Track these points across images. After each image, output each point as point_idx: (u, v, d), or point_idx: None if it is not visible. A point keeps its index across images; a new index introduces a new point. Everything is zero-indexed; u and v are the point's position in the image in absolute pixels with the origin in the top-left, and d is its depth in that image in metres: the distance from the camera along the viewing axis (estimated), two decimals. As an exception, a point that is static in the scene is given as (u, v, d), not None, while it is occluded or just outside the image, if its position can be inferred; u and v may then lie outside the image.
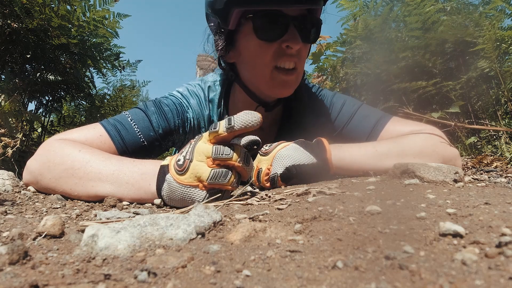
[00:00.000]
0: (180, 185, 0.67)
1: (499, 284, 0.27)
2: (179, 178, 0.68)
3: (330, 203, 0.53)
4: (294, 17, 0.91)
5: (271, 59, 0.93)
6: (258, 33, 0.92)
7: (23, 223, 0.53)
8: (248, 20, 0.93)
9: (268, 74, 0.95)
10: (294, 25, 0.91)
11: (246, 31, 0.95)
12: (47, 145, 0.82)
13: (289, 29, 0.91)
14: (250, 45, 0.95)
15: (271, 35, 0.92)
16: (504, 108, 2.08)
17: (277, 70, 0.95)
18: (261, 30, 0.92)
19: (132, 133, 0.91)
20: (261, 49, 0.93)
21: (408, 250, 0.34)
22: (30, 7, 2.26)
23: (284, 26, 0.91)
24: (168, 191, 0.69)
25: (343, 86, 2.64)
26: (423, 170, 0.68)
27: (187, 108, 1.04)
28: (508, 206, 0.47)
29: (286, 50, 0.92)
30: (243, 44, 0.97)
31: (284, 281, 0.30)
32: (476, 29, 1.99)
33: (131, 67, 3.44)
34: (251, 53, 0.96)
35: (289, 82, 0.97)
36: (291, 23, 0.91)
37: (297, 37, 0.91)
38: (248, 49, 0.96)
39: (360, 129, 1.04)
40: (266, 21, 0.91)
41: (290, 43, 0.91)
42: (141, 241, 0.40)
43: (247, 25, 0.94)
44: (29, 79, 2.50)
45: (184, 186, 0.67)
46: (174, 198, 0.69)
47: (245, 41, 0.96)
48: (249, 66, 0.99)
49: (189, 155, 0.68)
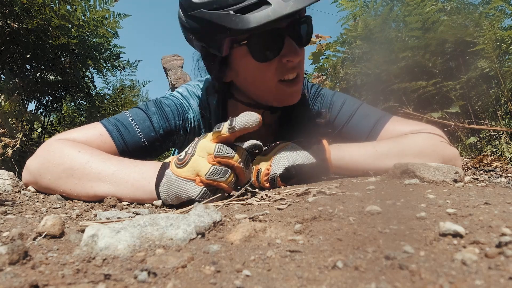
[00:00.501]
0: (178, 178, 0.67)
1: (499, 284, 0.27)
2: (177, 171, 0.68)
3: (330, 203, 0.53)
4: (287, 27, 0.87)
5: (273, 76, 0.90)
6: (256, 56, 0.88)
7: (23, 223, 0.53)
8: (241, 45, 0.88)
9: (273, 89, 0.93)
10: (289, 35, 0.87)
11: (240, 53, 0.90)
12: (47, 145, 0.82)
13: (285, 42, 0.87)
14: (248, 66, 0.91)
15: (269, 54, 0.88)
16: (504, 108, 2.08)
17: (281, 83, 0.92)
18: (258, 53, 0.88)
19: (133, 133, 0.91)
20: (261, 69, 0.90)
21: (408, 250, 0.34)
22: (30, 7, 2.26)
23: (280, 40, 0.87)
24: (165, 186, 0.69)
25: (343, 86, 2.64)
26: (423, 170, 0.68)
27: (187, 108, 1.04)
28: (508, 206, 0.47)
29: (287, 64, 0.89)
30: (240, 65, 0.93)
31: (284, 281, 0.30)
32: (476, 29, 1.99)
33: (131, 67, 3.44)
34: (251, 73, 0.92)
35: (295, 91, 0.95)
36: (285, 35, 0.87)
37: (295, 48, 0.87)
38: (246, 70, 0.93)
39: (359, 128, 1.03)
40: (262, 42, 0.86)
41: (290, 58, 0.87)
42: (141, 241, 0.40)
43: (240, 49, 0.89)
44: (29, 79, 2.50)
45: (181, 179, 0.67)
46: (170, 193, 0.68)
47: (242, 64, 0.92)
48: (251, 83, 0.96)
49: (191, 150, 0.69)
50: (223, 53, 0.89)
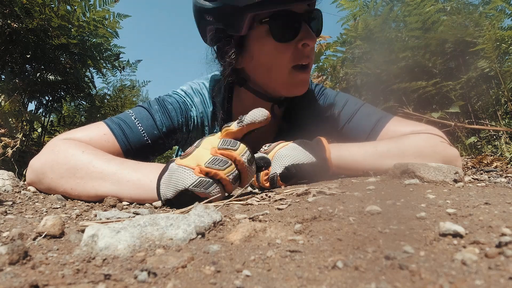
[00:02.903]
0: (178, 167, 0.67)
1: (499, 284, 0.27)
2: (180, 161, 0.68)
3: (330, 203, 0.53)
4: (303, 14, 0.92)
5: (289, 60, 0.93)
6: (275, 36, 0.91)
7: (23, 223, 0.53)
8: (262, 23, 0.91)
9: (285, 75, 0.95)
10: (306, 22, 0.92)
11: (259, 34, 0.93)
12: (52, 145, 0.82)
13: (302, 27, 0.91)
14: (265, 48, 0.94)
15: (288, 35, 0.91)
16: (504, 108, 2.08)
17: (294, 69, 0.95)
18: (278, 32, 0.91)
19: (136, 131, 0.92)
20: (278, 51, 0.93)
21: (408, 250, 0.34)
22: (30, 7, 2.26)
23: (298, 24, 0.91)
24: (166, 179, 0.69)
25: (343, 86, 2.64)
26: (423, 170, 0.68)
27: (190, 106, 1.04)
28: (508, 206, 0.47)
29: (304, 49, 0.92)
30: (257, 48, 0.95)
31: (284, 281, 0.30)
32: (476, 29, 1.99)
33: (131, 67, 3.44)
34: (268, 56, 0.94)
35: (306, 79, 0.98)
36: (302, 21, 0.91)
37: (311, 33, 0.91)
38: (263, 53, 0.95)
39: (360, 128, 1.03)
40: (282, 22, 0.90)
41: (306, 41, 0.91)
42: (141, 241, 0.40)
43: (259, 29, 0.92)
44: (29, 79, 2.50)
45: (182, 167, 0.67)
46: (169, 184, 0.67)
47: (259, 45, 0.94)
48: (264, 69, 0.97)
49: (197, 143, 0.70)
50: (243, 31, 0.91)
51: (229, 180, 0.66)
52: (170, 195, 0.67)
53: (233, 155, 0.66)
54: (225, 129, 0.70)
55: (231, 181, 0.66)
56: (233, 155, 0.66)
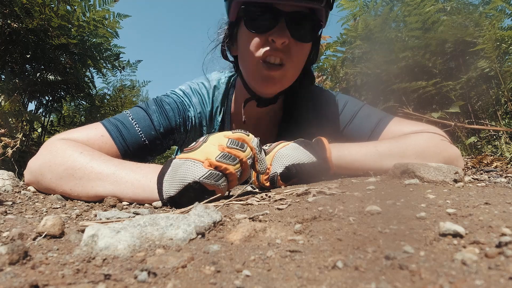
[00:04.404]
0: (185, 160, 0.67)
1: (499, 284, 0.27)
2: (186, 155, 0.68)
3: (330, 203, 0.53)
4: (288, 13, 0.89)
5: (257, 51, 0.92)
6: (247, 24, 0.92)
7: (23, 223, 0.52)
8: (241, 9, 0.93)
9: (254, 66, 0.94)
10: (286, 20, 0.89)
11: (242, 23, 0.95)
12: (49, 145, 0.82)
13: (278, 24, 0.89)
14: (242, 36, 0.96)
15: (258, 26, 0.91)
16: (504, 108, 2.08)
17: (262, 64, 0.93)
18: (249, 20, 0.92)
19: (133, 132, 0.92)
20: (249, 40, 0.93)
21: (408, 250, 0.34)
22: (30, 7, 2.26)
23: (274, 20, 0.89)
24: (170, 175, 0.69)
25: (343, 86, 2.64)
26: (423, 170, 0.68)
27: (188, 106, 1.04)
28: (508, 206, 0.47)
29: (271, 44, 0.91)
30: (239, 36, 0.98)
31: (284, 281, 0.30)
32: (476, 29, 1.99)
33: (131, 67, 3.44)
34: (242, 44, 0.97)
35: (273, 77, 0.94)
36: (282, 18, 0.89)
37: (284, 32, 0.89)
38: (241, 41, 0.98)
39: (361, 129, 1.03)
40: (256, 12, 0.91)
41: (274, 37, 0.89)
42: (141, 241, 0.40)
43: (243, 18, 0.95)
44: (29, 79, 2.50)
45: (190, 160, 0.67)
46: (174, 179, 0.68)
47: (240, 33, 0.98)
48: (242, 58, 1.00)
49: (203, 139, 0.71)
50: (231, 17, 0.97)
51: (238, 175, 0.68)
52: (174, 192, 0.68)
53: (240, 155, 0.68)
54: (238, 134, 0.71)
55: (238, 177, 0.69)
56: (241, 156, 0.68)
